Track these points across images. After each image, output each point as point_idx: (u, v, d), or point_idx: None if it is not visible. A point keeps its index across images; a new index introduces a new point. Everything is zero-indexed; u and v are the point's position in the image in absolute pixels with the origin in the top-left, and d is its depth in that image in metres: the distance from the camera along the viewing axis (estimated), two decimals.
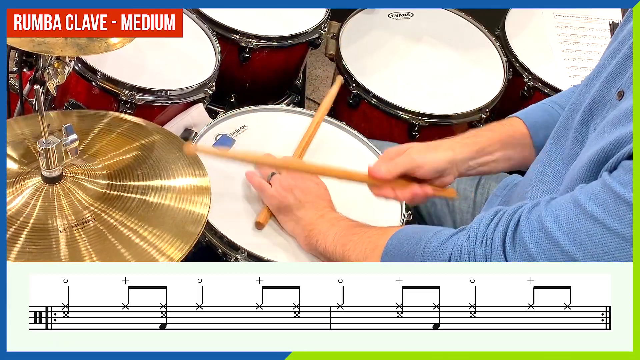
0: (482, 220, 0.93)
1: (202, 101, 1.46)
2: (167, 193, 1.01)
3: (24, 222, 0.94)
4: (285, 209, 1.15)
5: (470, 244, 0.92)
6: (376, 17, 1.80)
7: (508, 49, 1.79)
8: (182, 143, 1.10)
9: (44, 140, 0.94)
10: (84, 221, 0.95)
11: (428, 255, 0.96)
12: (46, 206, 0.96)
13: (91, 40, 1.02)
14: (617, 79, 0.95)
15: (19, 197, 0.97)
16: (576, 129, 1.00)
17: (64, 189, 0.98)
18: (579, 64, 1.78)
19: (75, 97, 1.40)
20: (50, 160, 0.95)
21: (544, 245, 0.85)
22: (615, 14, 1.89)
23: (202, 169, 1.05)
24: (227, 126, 1.34)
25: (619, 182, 0.79)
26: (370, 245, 1.04)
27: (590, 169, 0.86)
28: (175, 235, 0.94)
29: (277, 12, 1.69)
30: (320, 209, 1.14)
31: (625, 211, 0.78)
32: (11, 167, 1.01)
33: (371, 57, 1.69)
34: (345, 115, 1.59)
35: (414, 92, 1.62)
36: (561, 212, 0.84)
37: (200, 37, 1.57)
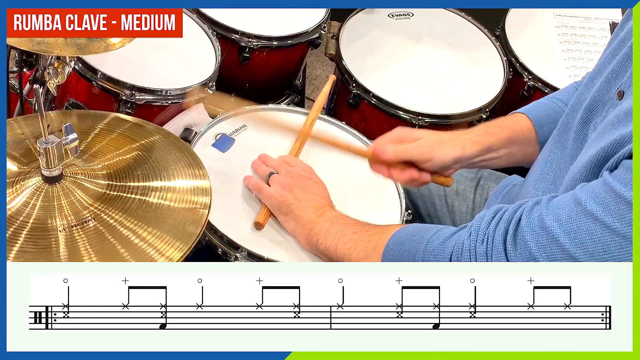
0: (483, 219, 0.93)
1: (202, 101, 1.46)
2: (167, 193, 1.01)
3: (24, 222, 0.94)
4: (285, 209, 1.15)
5: (471, 242, 0.92)
6: (376, 17, 1.80)
7: (508, 48, 1.79)
8: (182, 143, 1.10)
9: (43, 139, 0.94)
10: (84, 221, 0.95)
11: (429, 253, 0.96)
12: (46, 206, 0.96)
13: (91, 40, 1.02)
14: (617, 79, 0.95)
15: (19, 197, 0.96)
16: (576, 128, 1.00)
17: (64, 188, 0.98)
18: (579, 64, 1.78)
19: (76, 97, 1.40)
20: (50, 160, 0.95)
21: (545, 244, 0.85)
22: (615, 14, 1.89)
23: (202, 169, 1.05)
24: (227, 126, 1.34)
25: (619, 181, 0.79)
26: (371, 244, 1.04)
27: (590, 168, 0.86)
28: (175, 235, 0.94)
29: (277, 12, 1.69)
30: (320, 207, 1.13)
31: (625, 210, 0.78)
32: (11, 167, 1.01)
33: (371, 57, 1.69)
34: (345, 115, 1.59)
35: (414, 92, 1.62)
36: (562, 211, 0.84)
37: (200, 37, 1.57)
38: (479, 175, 1.38)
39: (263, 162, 1.25)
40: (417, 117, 1.54)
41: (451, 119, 1.57)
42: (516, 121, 1.21)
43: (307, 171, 1.20)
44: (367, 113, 1.60)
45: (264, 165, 1.23)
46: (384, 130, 1.57)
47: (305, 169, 1.21)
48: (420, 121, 1.54)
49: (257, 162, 1.26)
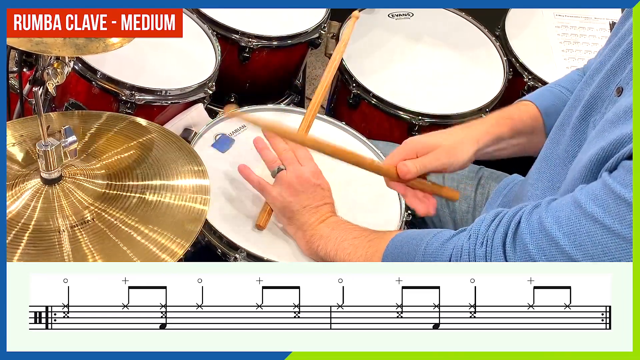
0: (482, 222, 0.93)
1: (202, 101, 1.46)
2: (167, 192, 1.01)
3: (25, 225, 0.94)
4: (288, 214, 1.14)
5: (470, 244, 0.92)
6: (376, 17, 1.80)
7: (508, 48, 1.79)
8: (181, 141, 1.10)
9: (43, 142, 0.94)
10: (85, 221, 0.95)
11: (429, 255, 0.96)
12: (46, 207, 0.96)
13: (90, 40, 1.02)
14: (616, 75, 0.95)
15: (19, 200, 0.96)
16: (574, 125, 1.00)
17: (64, 189, 0.98)
18: (579, 64, 1.77)
19: (75, 97, 1.40)
20: (50, 162, 0.95)
21: (544, 246, 0.84)
22: (615, 14, 1.89)
23: (201, 166, 1.05)
24: (227, 126, 1.34)
25: (619, 182, 0.79)
26: (371, 249, 1.05)
27: (590, 168, 0.86)
28: (175, 232, 0.94)
29: (277, 12, 1.69)
30: (323, 213, 1.13)
31: (625, 212, 0.78)
32: (11, 169, 1.01)
33: (371, 57, 1.69)
34: (345, 115, 1.59)
35: (414, 92, 1.62)
36: (562, 213, 0.84)
37: (200, 37, 1.57)
38: (479, 175, 1.38)
39: (272, 144, 1.19)
40: (417, 117, 1.54)
41: (451, 119, 1.57)
42: (525, 110, 1.21)
43: (315, 175, 1.15)
44: (367, 113, 1.60)
45: (271, 152, 1.18)
46: (384, 130, 1.58)
47: (314, 172, 1.16)
48: (420, 121, 1.54)
49: (262, 143, 1.20)
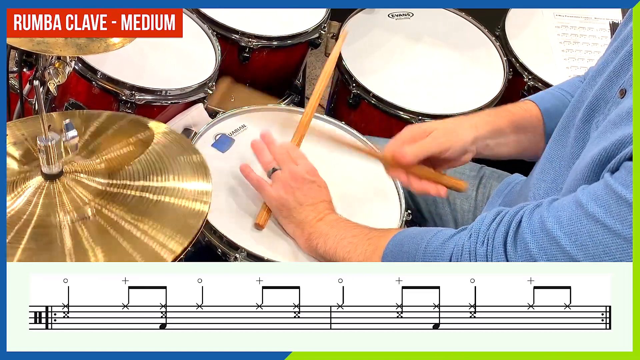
0: (483, 220, 0.93)
1: (202, 101, 1.46)
2: (168, 189, 1.01)
3: (27, 221, 0.94)
4: (285, 212, 1.14)
5: (471, 243, 0.92)
6: (376, 17, 1.80)
7: (508, 48, 1.79)
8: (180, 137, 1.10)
9: (44, 136, 0.94)
10: (86, 217, 0.95)
11: (429, 254, 0.96)
12: (47, 203, 0.96)
13: (91, 40, 1.02)
14: (619, 77, 0.95)
15: (21, 197, 0.96)
16: (578, 126, 1.00)
17: (64, 185, 0.98)
18: (579, 64, 1.78)
19: (75, 97, 1.40)
20: (50, 157, 0.95)
21: (545, 246, 0.85)
22: (615, 14, 1.89)
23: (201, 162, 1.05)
24: (226, 126, 1.34)
25: (620, 183, 0.79)
26: (370, 247, 1.04)
27: (592, 169, 0.86)
28: (176, 229, 0.94)
29: (277, 12, 1.69)
30: (321, 211, 1.13)
31: (627, 212, 0.78)
32: (11, 166, 1.01)
33: (371, 57, 1.69)
34: (345, 115, 1.59)
35: (414, 92, 1.62)
36: (563, 213, 0.84)
37: (200, 37, 1.57)
38: (481, 174, 1.38)
39: (267, 146, 1.20)
40: (417, 117, 1.54)
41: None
42: (526, 109, 1.21)
43: (310, 173, 1.16)
44: (367, 113, 1.60)
45: (268, 154, 1.19)
46: (384, 130, 1.58)
47: (309, 170, 1.17)
48: (420, 121, 1.54)
49: (260, 145, 1.21)
